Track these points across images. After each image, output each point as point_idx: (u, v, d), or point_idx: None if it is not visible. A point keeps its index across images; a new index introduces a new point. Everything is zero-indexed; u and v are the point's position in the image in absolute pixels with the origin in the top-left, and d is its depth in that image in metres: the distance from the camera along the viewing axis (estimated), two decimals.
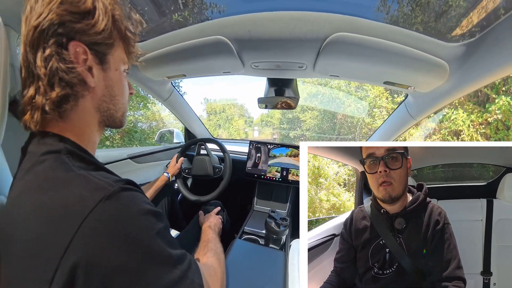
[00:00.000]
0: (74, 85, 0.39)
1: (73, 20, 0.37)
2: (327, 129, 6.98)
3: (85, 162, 0.39)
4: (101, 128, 0.48)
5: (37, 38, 0.36)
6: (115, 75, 0.46)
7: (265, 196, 1.51)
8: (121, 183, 0.35)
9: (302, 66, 0.87)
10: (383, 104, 6.96)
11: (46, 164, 0.36)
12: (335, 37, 0.68)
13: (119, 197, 0.33)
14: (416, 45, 0.68)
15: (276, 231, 0.98)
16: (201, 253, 0.65)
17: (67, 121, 0.41)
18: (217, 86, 42.06)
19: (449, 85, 0.78)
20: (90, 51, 0.40)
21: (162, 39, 0.84)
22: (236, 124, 8.37)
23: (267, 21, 0.68)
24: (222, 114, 9.25)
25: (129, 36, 0.47)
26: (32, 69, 0.37)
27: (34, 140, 0.40)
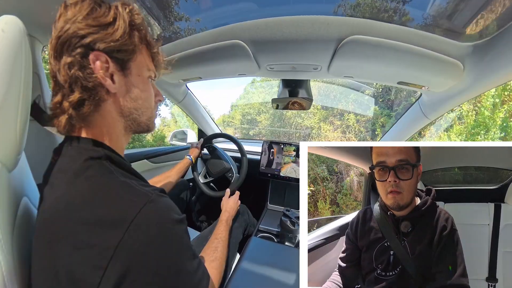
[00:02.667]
0: (92, 90, 0.41)
1: (93, 32, 0.40)
2: (276, 127, 9.44)
3: (123, 168, 0.44)
4: (128, 133, 0.51)
5: (60, 49, 0.39)
6: (137, 81, 0.48)
7: (278, 195, 1.54)
8: (157, 191, 0.42)
9: (317, 68, 0.89)
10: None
11: (93, 170, 0.40)
12: (350, 40, 0.68)
13: (158, 202, 0.39)
14: (430, 45, 0.67)
15: (291, 229, 1.03)
16: (208, 257, 0.66)
17: (94, 126, 0.44)
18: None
19: (464, 84, 0.77)
20: (111, 59, 0.42)
21: (179, 44, 0.86)
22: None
23: (283, 25, 0.69)
24: (178, 123, 10.17)
25: (151, 42, 0.50)
26: (57, 78, 0.41)
27: (71, 144, 0.43)
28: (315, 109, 8.14)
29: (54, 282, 0.36)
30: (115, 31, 0.41)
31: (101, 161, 0.41)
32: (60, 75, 0.40)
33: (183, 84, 1.34)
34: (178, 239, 0.41)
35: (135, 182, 0.41)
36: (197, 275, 0.44)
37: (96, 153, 0.42)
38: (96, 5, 0.41)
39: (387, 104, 7.05)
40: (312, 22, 0.67)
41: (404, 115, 1.23)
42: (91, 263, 0.34)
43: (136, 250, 0.35)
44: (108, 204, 0.37)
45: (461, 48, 0.67)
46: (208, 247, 0.72)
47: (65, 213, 0.37)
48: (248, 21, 0.72)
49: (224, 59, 0.90)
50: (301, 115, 8.62)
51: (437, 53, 0.68)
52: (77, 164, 0.40)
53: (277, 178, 1.48)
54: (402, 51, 0.69)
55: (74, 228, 0.36)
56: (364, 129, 7.36)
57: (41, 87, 0.79)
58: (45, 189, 0.43)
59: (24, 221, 0.46)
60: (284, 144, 1.51)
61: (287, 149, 1.49)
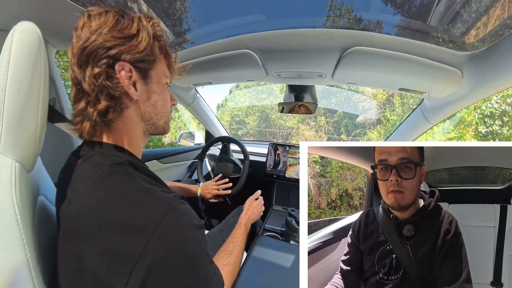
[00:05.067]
0: (118, 98, 0.44)
1: (119, 44, 0.42)
2: (263, 127, 10.80)
3: (144, 173, 0.46)
4: (146, 136, 0.54)
5: (86, 59, 0.41)
6: (157, 88, 0.51)
7: (283, 196, 1.57)
8: (178, 198, 0.43)
9: (321, 75, 0.94)
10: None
11: (117, 176, 0.42)
12: (352, 50, 0.74)
13: (180, 209, 0.41)
14: (429, 54, 0.71)
15: (297, 229, 1.06)
16: (222, 261, 0.66)
17: (115, 131, 0.46)
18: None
19: (463, 91, 0.80)
20: (134, 68, 0.45)
21: (190, 51, 0.92)
22: (190, 127, 9.29)
23: (290, 36, 0.75)
24: (180, 118, 10.62)
25: (170, 52, 0.53)
26: (82, 86, 0.42)
27: (93, 149, 0.45)
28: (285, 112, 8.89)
29: (79, 282, 0.38)
30: (139, 43, 0.44)
31: (124, 167, 0.43)
32: (86, 84, 0.41)
33: (193, 88, 1.39)
34: (198, 245, 0.43)
35: (156, 188, 0.43)
36: (212, 280, 0.46)
37: (119, 159, 0.44)
38: (119, 17, 0.43)
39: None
40: (317, 35, 0.73)
41: (407, 119, 1.27)
42: (116, 269, 0.35)
43: (159, 256, 0.36)
44: (131, 210, 0.38)
45: (460, 57, 0.71)
46: (223, 250, 0.71)
47: (90, 218, 0.38)
48: (257, 32, 0.77)
49: (234, 67, 0.95)
50: (283, 117, 10.17)
51: (436, 62, 0.72)
52: (101, 170, 0.42)
53: (282, 179, 1.51)
54: (402, 60, 0.73)
55: (99, 234, 0.37)
56: (332, 128, 9.55)
57: (56, 90, 0.84)
58: (67, 190, 0.44)
59: (41, 218, 0.48)
60: (289, 146, 1.53)
61: (292, 151, 1.51)
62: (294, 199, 1.53)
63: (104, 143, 0.45)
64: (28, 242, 0.38)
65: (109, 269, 0.36)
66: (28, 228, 0.40)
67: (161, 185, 0.48)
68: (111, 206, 0.38)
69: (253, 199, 1.02)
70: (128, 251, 0.36)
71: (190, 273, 0.40)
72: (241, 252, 0.74)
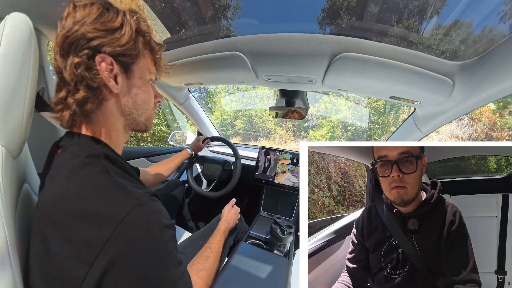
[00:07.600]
0: (96, 89, 0.44)
1: (101, 36, 0.42)
2: (249, 128, 12.80)
3: (119, 167, 0.46)
4: (127, 131, 0.53)
5: (68, 48, 0.41)
6: (140, 83, 0.51)
7: (272, 202, 1.52)
8: (149, 194, 0.43)
9: (311, 80, 0.94)
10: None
11: (91, 168, 0.42)
12: (341, 56, 0.74)
13: (149, 205, 0.41)
14: (419, 63, 0.71)
15: (281, 238, 1.01)
16: (197, 266, 0.65)
17: (95, 123, 0.47)
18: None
19: (455, 101, 0.80)
20: (116, 61, 0.45)
21: (183, 50, 0.92)
22: (179, 127, 9.46)
23: (280, 40, 0.75)
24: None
25: (155, 48, 0.53)
26: (63, 75, 0.42)
27: (71, 139, 0.45)
28: (271, 117, 9.55)
29: (46, 268, 0.38)
30: (122, 37, 0.44)
31: (99, 159, 0.43)
32: (66, 73, 0.42)
33: (185, 88, 1.37)
34: (163, 245, 0.41)
35: (129, 183, 0.43)
36: (178, 284, 0.43)
37: (95, 151, 0.44)
38: (104, 10, 0.43)
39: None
40: (307, 40, 0.72)
41: (400, 128, 1.26)
42: (79, 258, 0.35)
43: (122, 250, 0.36)
44: (100, 201, 0.38)
45: (451, 66, 0.71)
46: (200, 255, 0.70)
47: (60, 207, 0.39)
48: (248, 35, 0.77)
49: (225, 68, 0.94)
50: (265, 121, 12.27)
51: (428, 70, 0.72)
52: (76, 161, 0.42)
53: (271, 185, 1.46)
54: (393, 68, 0.73)
55: (66, 222, 0.37)
56: (296, 129, 12.01)
57: (45, 80, 0.83)
58: (45, 179, 0.44)
59: (24, 206, 0.48)
60: (280, 151, 1.48)
61: (283, 157, 1.46)
62: (283, 206, 1.47)
63: (82, 135, 0.46)
64: (8, 227, 0.39)
65: (73, 257, 0.36)
66: (10, 213, 0.41)
67: (135, 181, 0.47)
68: (81, 196, 0.39)
69: (230, 206, 1.06)
70: (92, 241, 0.35)
71: (153, 274, 0.38)
72: (218, 259, 0.73)
